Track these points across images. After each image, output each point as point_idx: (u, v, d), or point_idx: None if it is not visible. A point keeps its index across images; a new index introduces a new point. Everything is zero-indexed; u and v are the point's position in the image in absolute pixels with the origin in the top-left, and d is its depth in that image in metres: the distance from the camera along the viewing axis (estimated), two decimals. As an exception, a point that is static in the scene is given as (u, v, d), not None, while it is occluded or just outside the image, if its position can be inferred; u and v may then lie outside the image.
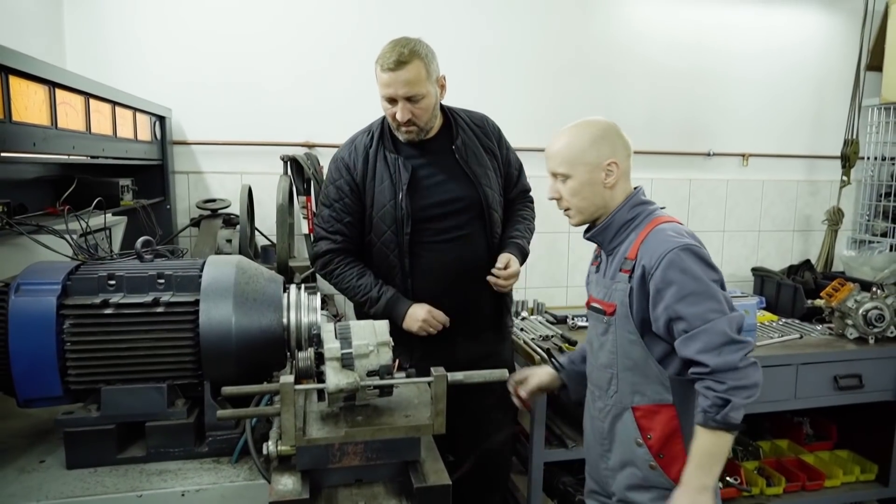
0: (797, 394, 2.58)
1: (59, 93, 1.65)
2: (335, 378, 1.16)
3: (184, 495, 1.25)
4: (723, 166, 3.54)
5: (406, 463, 1.22)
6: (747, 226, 3.62)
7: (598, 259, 1.69)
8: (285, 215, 2.48)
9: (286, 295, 1.46)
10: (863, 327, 2.66)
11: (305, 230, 2.68)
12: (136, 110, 2.35)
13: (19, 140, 1.45)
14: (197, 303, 1.35)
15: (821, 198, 3.69)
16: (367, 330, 1.24)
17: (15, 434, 1.47)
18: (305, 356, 1.25)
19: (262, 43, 2.86)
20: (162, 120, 2.69)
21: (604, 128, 1.58)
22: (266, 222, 2.80)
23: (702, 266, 1.44)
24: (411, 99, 1.90)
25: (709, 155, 3.48)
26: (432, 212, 2.01)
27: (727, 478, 2.53)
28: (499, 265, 2.02)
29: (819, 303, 2.85)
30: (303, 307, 1.45)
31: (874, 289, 2.73)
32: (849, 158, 3.50)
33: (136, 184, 2.50)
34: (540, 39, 3.17)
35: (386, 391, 1.24)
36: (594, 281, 1.69)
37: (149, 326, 1.34)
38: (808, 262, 3.52)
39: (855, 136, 3.49)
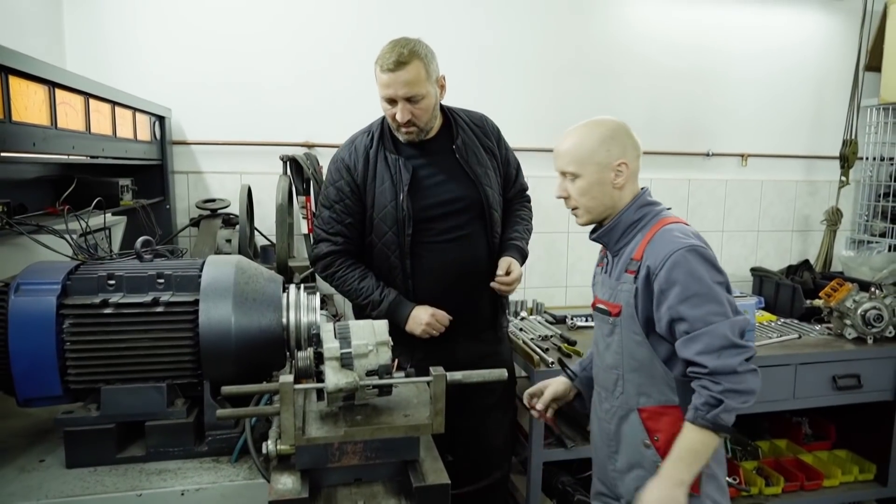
0: (796, 394, 2.58)
1: (58, 93, 1.65)
2: (334, 377, 1.17)
3: (183, 494, 1.26)
4: (722, 166, 3.54)
5: (405, 462, 1.22)
6: (746, 226, 3.63)
7: (604, 260, 1.68)
8: (285, 215, 2.48)
9: (285, 295, 1.46)
10: (861, 327, 2.67)
11: (305, 230, 2.69)
12: (135, 110, 2.36)
13: (19, 140, 1.45)
14: (196, 302, 1.36)
15: (820, 198, 3.70)
16: (367, 330, 1.24)
17: (15, 433, 1.47)
18: (305, 356, 1.25)
19: (261, 43, 2.87)
20: (161, 120, 2.70)
21: (614, 128, 1.57)
22: (265, 222, 2.80)
23: (707, 268, 1.43)
24: (411, 99, 1.89)
25: (708, 155, 3.48)
26: (433, 212, 2.01)
27: (726, 478, 2.53)
28: (500, 272, 2.02)
29: (818, 303, 2.85)
30: (302, 307, 1.45)
31: (873, 289, 2.74)
32: (847, 159, 3.51)
33: (136, 184, 2.51)
34: (539, 39, 3.18)
35: (385, 391, 1.24)
36: (600, 282, 1.67)
37: (148, 326, 1.34)
38: (806, 262, 3.53)
39: (854, 137, 3.49)
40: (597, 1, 3.24)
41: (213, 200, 2.74)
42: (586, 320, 2.87)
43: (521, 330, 2.73)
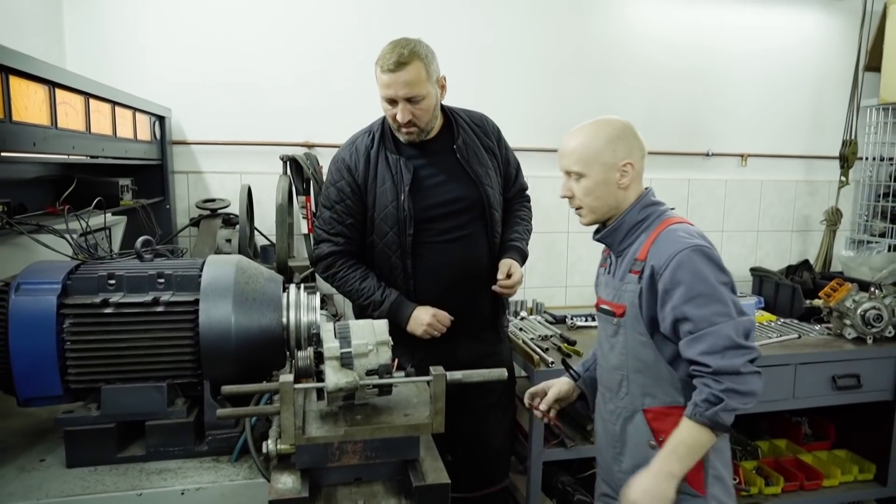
0: (795, 393, 2.59)
1: (59, 93, 1.65)
2: (334, 377, 1.17)
3: (183, 494, 1.26)
4: (721, 166, 3.54)
5: (405, 462, 1.23)
6: (746, 226, 3.63)
7: (607, 261, 1.67)
8: (285, 215, 2.48)
9: (285, 294, 1.46)
10: (861, 327, 2.67)
11: (305, 230, 2.69)
12: (135, 110, 2.36)
13: (19, 140, 1.45)
14: (197, 302, 1.36)
15: (819, 198, 3.70)
16: (367, 329, 1.24)
17: (15, 433, 1.47)
18: (305, 355, 1.26)
19: (261, 43, 2.87)
20: (161, 120, 2.70)
21: (620, 128, 1.56)
22: (265, 222, 2.80)
23: (711, 268, 1.43)
24: (411, 100, 1.89)
25: (707, 155, 3.48)
26: (434, 212, 2.01)
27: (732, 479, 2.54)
28: (500, 275, 2.02)
29: (817, 303, 2.86)
30: (302, 306, 1.45)
31: (872, 289, 2.74)
32: (847, 159, 3.51)
33: (136, 183, 2.51)
34: (539, 39, 3.18)
35: (385, 390, 1.24)
36: (603, 283, 1.66)
37: (148, 326, 1.34)
38: (806, 262, 3.53)
39: (853, 137, 3.49)
40: (597, 1, 3.24)
41: (213, 200, 2.75)
42: (586, 320, 2.87)
43: (520, 330, 2.74)
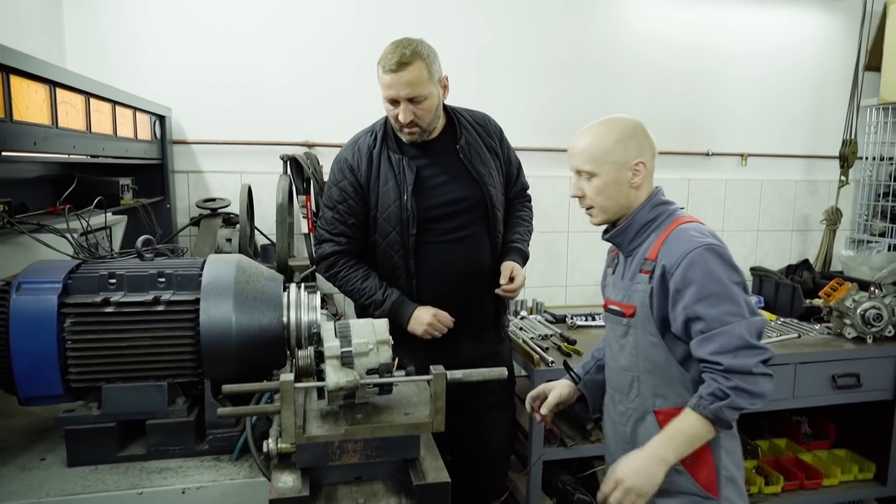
0: (795, 393, 2.59)
1: (59, 92, 1.65)
2: (335, 376, 1.17)
3: (184, 493, 1.26)
4: (721, 166, 3.54)
5: (405, 461, 1.23)
6: (746, 225, 3.63)
7: (615, 261, 1.65)
8: (285, 214, 2.48)
9: (286, 294, 1.46)
10: (861, 327, 2.67)
11: (305, 229, 2.69)
12: (136, 110, 2.36)
13: (20, 139, 1.45)
14: (197, 301, 1.36)
15: (819, 197, 3.70)
16: (367, 328, 1.24)
17: (16, 432, 1.47)
18: (305, 354, 1.26)
19: (261, 42, 2.87)
20: (162, 119, 2.70)
21: (631, 126, 1.55)
22: (266, 222, 2.80)
23: (724, 267, 1.41)
24: (413, 100, 1.89)
25: (707, 155, 3.48)
26: (437, 212, 2.01)
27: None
28: (503, 279, 2.02)
29: (817, 302, 2.86)
30: (303, 306, 1.45)
31: (872, 288, 2.74)
32: (847, 158, 3.51)
33: (136, 183, 2.51)
34: (539, 39, 3.18)
35: (385, 389, 1.24)
36: (611, 283, 1.64)
37: (149, 325, 1.35)
38: (806, 261, 3.53)
39: (853, 136, 3.50)
40: (596, 1, 3.24)
41: (214, 200, 2.75)
42: (586, 320, 2.87)
43: (521, 329, 2.74)
